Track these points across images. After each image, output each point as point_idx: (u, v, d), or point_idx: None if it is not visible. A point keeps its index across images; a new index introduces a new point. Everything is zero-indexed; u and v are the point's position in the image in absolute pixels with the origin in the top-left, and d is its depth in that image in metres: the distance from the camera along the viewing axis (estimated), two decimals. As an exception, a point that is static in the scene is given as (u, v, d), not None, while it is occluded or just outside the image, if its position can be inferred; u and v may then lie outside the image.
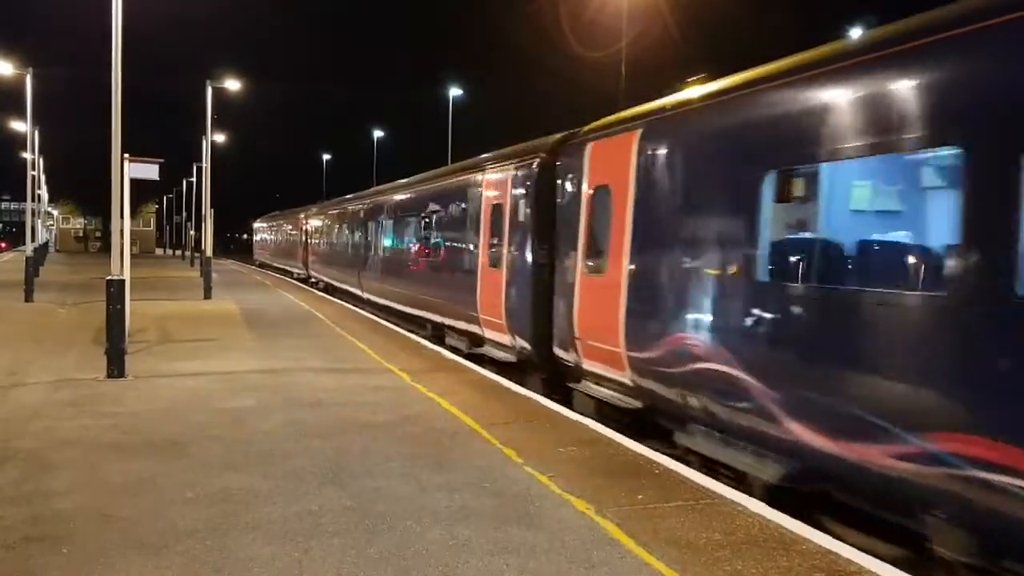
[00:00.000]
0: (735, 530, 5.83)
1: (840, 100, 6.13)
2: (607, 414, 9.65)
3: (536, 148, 12.41)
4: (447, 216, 16.35)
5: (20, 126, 40.10)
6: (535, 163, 12.02)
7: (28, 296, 23.30)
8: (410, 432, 8.55)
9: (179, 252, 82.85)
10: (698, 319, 7.72)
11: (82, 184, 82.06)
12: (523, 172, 12.41)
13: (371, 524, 5.82)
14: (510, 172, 12.91)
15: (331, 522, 5.85)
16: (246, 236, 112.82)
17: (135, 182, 13.44)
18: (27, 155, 32.34)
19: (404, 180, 22.47)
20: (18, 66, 26.81)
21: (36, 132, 31.32)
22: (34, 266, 25.22)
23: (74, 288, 29.23)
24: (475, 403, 10.09)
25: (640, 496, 6.56)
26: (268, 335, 16.54)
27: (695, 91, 8.52)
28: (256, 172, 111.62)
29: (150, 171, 13.36)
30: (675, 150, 8.47)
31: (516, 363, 12.59)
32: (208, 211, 29.58)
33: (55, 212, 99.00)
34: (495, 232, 13.30)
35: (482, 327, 13.73)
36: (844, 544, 5.63)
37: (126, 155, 12.72)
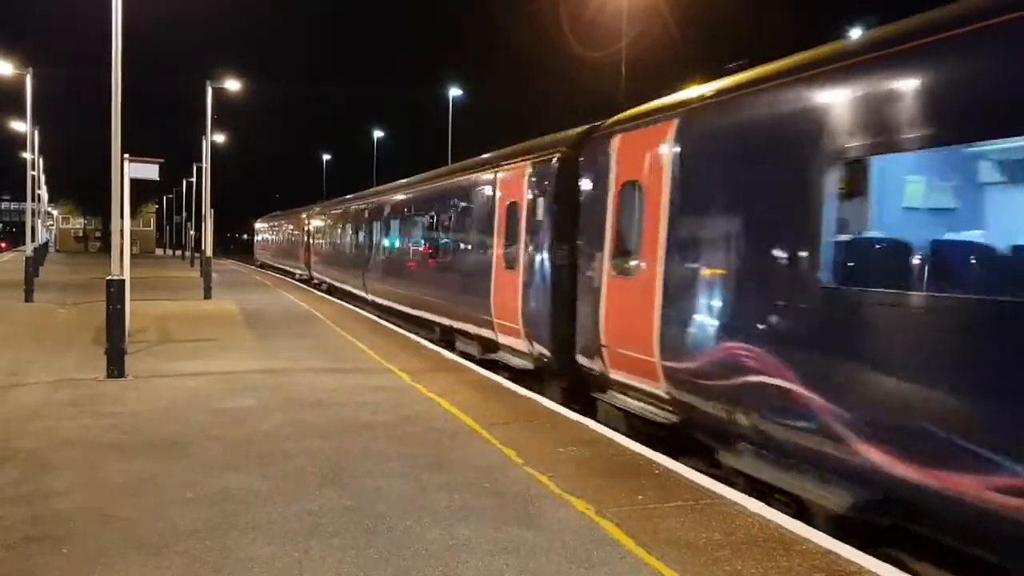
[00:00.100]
0: (735, 530, 5.83)
1: (942, 78, 5.38)
2: (638, 428, 9.07)
3: (555, 143, 11.71)
4: (458, 215, 15.60)
5: (20, 126, 40.13)
6: (555, 159, 11.32)
7: (28, 296, 23.30)
8: (410, 432, 8.55)
9: (179, 252, 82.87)
10: (749, 327, 6.93)
11: (82, 184, 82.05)
12: (541, 168, 11.69)
13: (371, 524, 5.82)
14: (527, 168, 12.16)
15: (331, 522, 5.85)
16: (246, 236, 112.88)
17: (135, 182, 13.44)
18: (27, 155, 32.33)
19: (411, 178, 21.83)
20: (18, 66, 26.81)
21: (36, 132, 31.32)
22: (34, 266, 25.21)
23: (74, 288, 29.23)
24: (475, 403, 10.09)
25: (640, 496, 6.56)
26: (268, 335, 16.54)
27: (743, 76, 7.71)
28: (256, 172, 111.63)
29: (150, 171, 13.36)
30: (721, 141, 7.63)
31: (534, 370, 11.91)
32: (208, 211, 29.57)
33: (55, 212, 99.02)
34: (510, 232, 12.57)
35: (496, 332, 13.06)
36: (844, 544, 5.62)
37: (126, 155, 12.72)
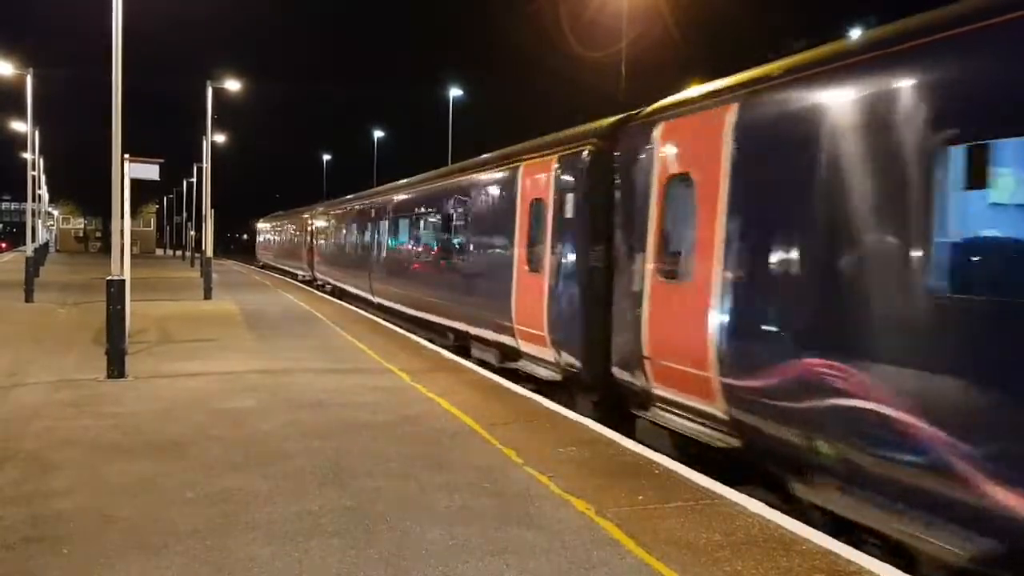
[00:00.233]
0: (735, 530, 5.83)
1: None
2: (688, 450, 8.25)
3: (585, 134, 10.74)
4: (474, 214, 14.67)
5: (20, 126, 40.20)
6: (585, 151, 10.35)
7: (28, 296, 23.30)
8: (410, 432, 8.55)
9: (179, 252, 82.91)
10: (839, 341, 5.97)
11: (82, 184, 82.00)
12: (570, 162, 10.72)
13: (371, 524, 5.83)
14: (553, 163, 11.19)
15: (331, 522, 5.85)
16: (246, 236, 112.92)
17: (135, 182, 13.44)
18: (27, 155, 32.32)
19: (421, 175, 20.98)
20: (18, 66, 26.84)
21: (36, 132, 31.32)
22: (34, 266, 25.21)
23: (74, 288, 29.23)
24: (475, 403, 10.09)
25: (640, 496, 6.56)
26: (268, 335, 16.54)
27: (825, 49, 6.84)
28: (256, 172, 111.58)
29: (150, 171, 13.36)
30: (800, 125, 6.55)
31: (561, 382, 10.95)
32: (208, 211, 29.58)
33: (55, 212, 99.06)
34: (534, 231, 11.70)
35: (517, 339, 12.13)
36: (844, 544, 5.63)
37: (126, 155, 12.72)
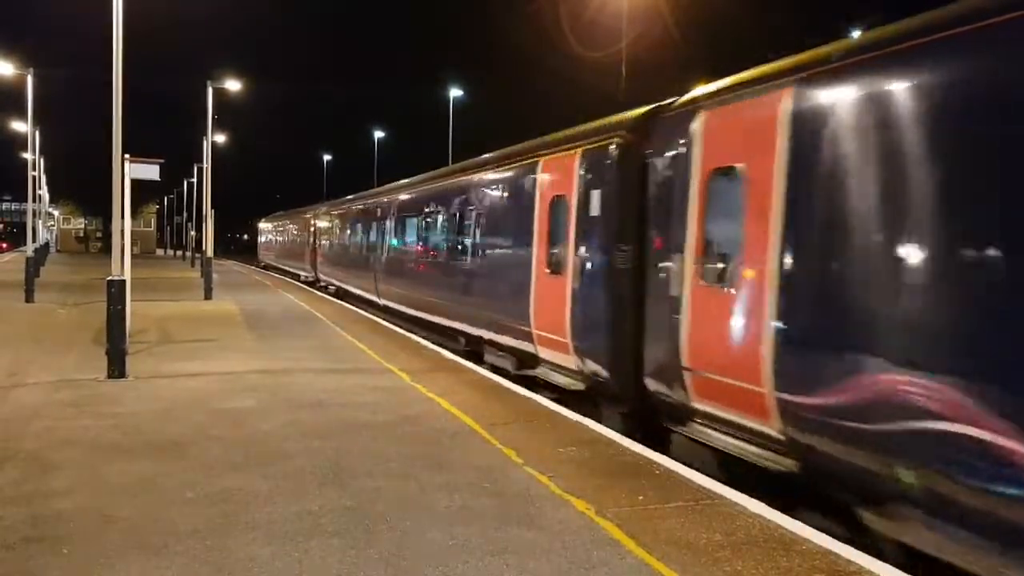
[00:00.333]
0: (735, 530, 5.83)
1: None
2: (733, 469, 7.53)
3: (611, 127, 10.10)
4: (488, 212, 14.04)
5: (20, 126, 40.28)
6: (613, 145, 9.68)
7: (29, 296, 23.30)
8: (410, 432, 8.55)
9: (180, 253, 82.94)
10: (930, 354, 5.27)
11: (83, 184, 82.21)
12: (595, 157, 10.05)
13: (371, 524, 5.82)
14: (577, 158, 10.50)
15: (331, 522, 5.85)
16: (247, 236, 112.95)
17: (135, 182, 13.44)
18: (27, 155, 32.35)
19: (430, 173, 20.34)
20: (18, 66, 26.85)
21: (37, 132, 31.34)
22: (35, 266, 25.21)
23: (75, 288, 29.24)
24: (475, 403, 10.09)
25: (640, 496, 6.56)
26: (268, 335, 16.54)
27: (913, 21, 5.92)
28: (256, 172, 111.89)
29: (151, 171, 13.36)
30: (877, 107, 5.81)
31: (585, 392, 10.34)
32: (209, 211, 29.58)
33: (56, 212, 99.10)
34: (555, 230, 11.05)
35: (536, 344, 11.47)
36: (844, 544, 5.62)
37: (126, 155, 12.72)
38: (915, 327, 5.38)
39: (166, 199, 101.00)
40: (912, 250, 5.47)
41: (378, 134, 70.49)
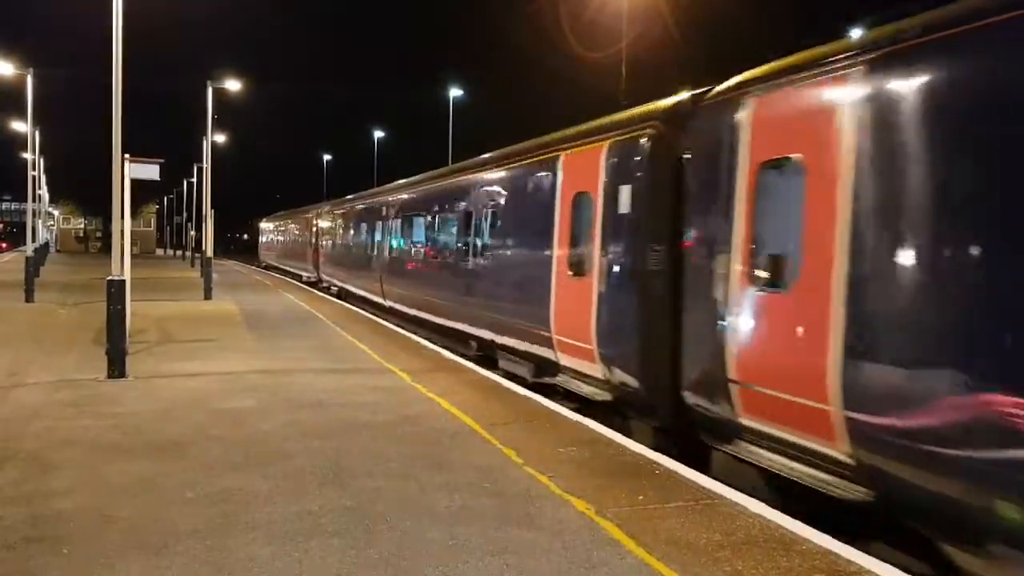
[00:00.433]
0: (735, 530, 5.83)
1: None
2: (786, 491, 6.79)
3: (643, 117, 9.40)
4: (502, 211, 13.38)
5: (20, 126, 40.28)
6: (644, 137, 9.03)
7: (28, 296, 23.31)
8: (410, 432, 8.55)
9: (179, 252, 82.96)
10: None
11: (82, 184, 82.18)
12: (625, 150, 9.38)
13: (371, 524, 5.82)
14: (603, 151, 9.82)
15: (331, 522, 5.85)
16: (246, 236, 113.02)
17: (135, 182, 13.44)
18: (27, 155, 32.37)
19: (440, 170, 19.58)
20: (18, 66, 26.88)
21: (36, 132, 31.34)
22: (34, 266, 25.22)
23: (75, 288, 29.24)
24: (475, 403, 10.09)
25: (640, 496, 6.56)
26: (268, 336, 16.54)
27: None
28: (256, 172, 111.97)
29: (150, 171, 13.35)
30: (964, 90, 5.19)
31: (611, 403, 9.67)
32: (208, 211, 29.59)
33: (56, 212, 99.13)
34: (578, 229, 10.40)
35: (556, 351, 10.84)
36: (844, 544, 5.62)
37: (126, 155, 12.72)
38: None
39: (166, 199, 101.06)
40: (1012, 246, 4.79)
41: (378, 134, 70.63)
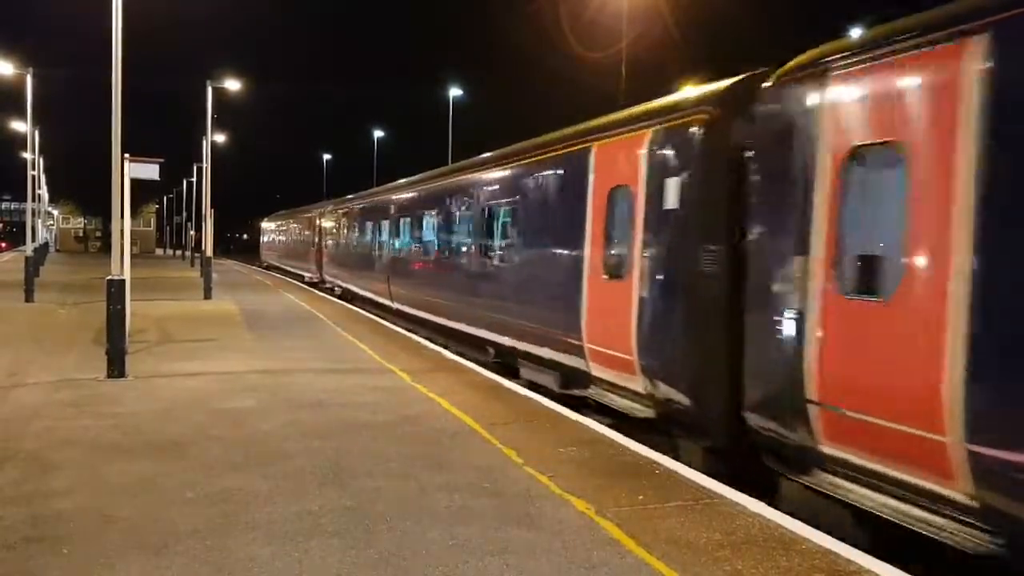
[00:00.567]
0: (735, 530, 5.83)
1: None
2: (883, 534, 5.95)
3: (691, 103, 8.52)
4: (525, 208, 12.44)
5: (20, 126, 40.23)
6: (696, 123, 8.14)
7: (28, 296, 23.31)
8: (410, 432, 8.55)
9: (179, 252, 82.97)
10: None
11: (82, 184, 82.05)
12: (671, 139, 8.50)
13: (371, 524, 5.83)
14: (644, 141, 8.92)
15: (331, 522, 5.86)
16: (246, 236, 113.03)
17: (135, 182, 13.44)
18: (27, 155, 32.37)
19: (453, 165, 18.52)
20: (18, 66, 26.89)
21: (36, 132, 31.34)
22: (34, 266, 25.22)
23: (74, 288, 29.24)
24: (475, 403, 10.09)
25: (640, 496, 6.56)
26: (268, 335, 16.54)
27: None
28: (256, 172, 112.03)
29: (150, 171, 13.36)
30: None
31: (655, 420, 8.82)
32: (208, 211, 29.60)
33: (55, 212, 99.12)
34: (614, 228, 9.57)
35: (588, 361, 10.00)
36: (844, 544, 5.63)
37: (126, 155, 12.72)
38: None
39: (166, 199, 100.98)
40: None
41: (378, 134, 70.66)
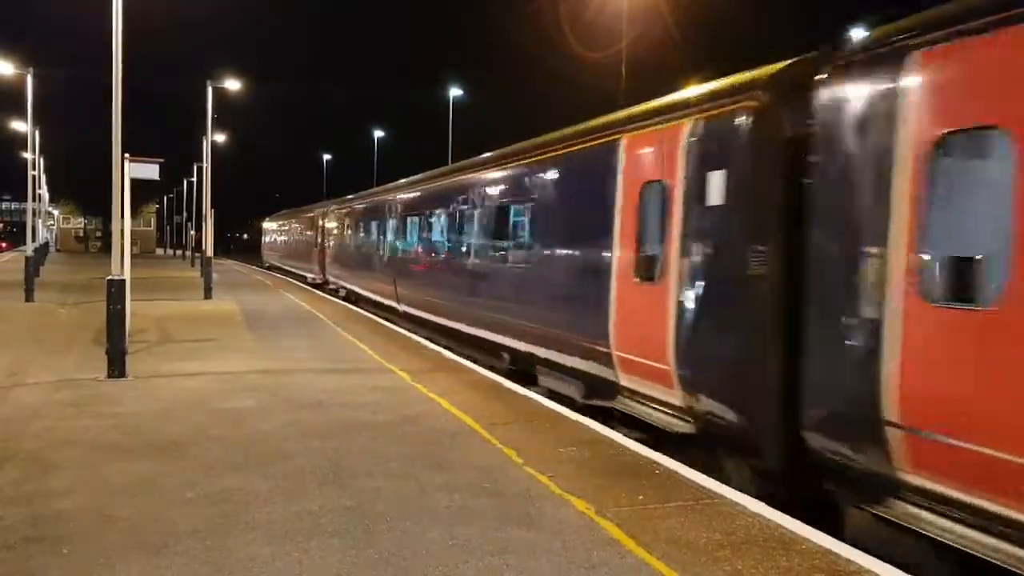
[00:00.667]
0: (735, 530, 5.84)
1: None
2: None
3: (738, 88, 7.70)
4: (544, 206, 11.79)
5: (20, 126, 40.29)
6: (744, 111, 7.39)
7: (28, 296, 23.32)
8: (410, 432, 8.55)
9: (179, 252, 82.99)
10: None
11: (82, 184, 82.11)
12: (714, 128, 7.80)
13: (371, 524, 5.83)
14: (683, 131, 8.20)
15: (331, 522, 5.86)
16: (246, 236, 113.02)
17: (135, 182, 13.44)
18: (27, 155, 32.39)
19: (469, 160, 17.61)
20: (18, 66, 26.92)
21: (36, 132, 31.35)
22: (34, 266, 25.23)
23: (75, 288, 29.24)
24: (475, 403, 10.09)
25: (640, 496, 6.56)
26: (268, 335, 16.54)
27: None
28: (256, 172, 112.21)
29: (150, 171, 13.36)
30: None
31: (695, 436, 8.08)
32: (208, 211, 29.61)
33: (56, 212, 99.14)
34: (646, 226, 8.92)
35: (617, 370, 9.34)
36: (844, 544, 5.63)
37: (126, 155, 12.73)
38: None
39: (166, 199, 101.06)
40: None
41: (378, 134, 70.71)
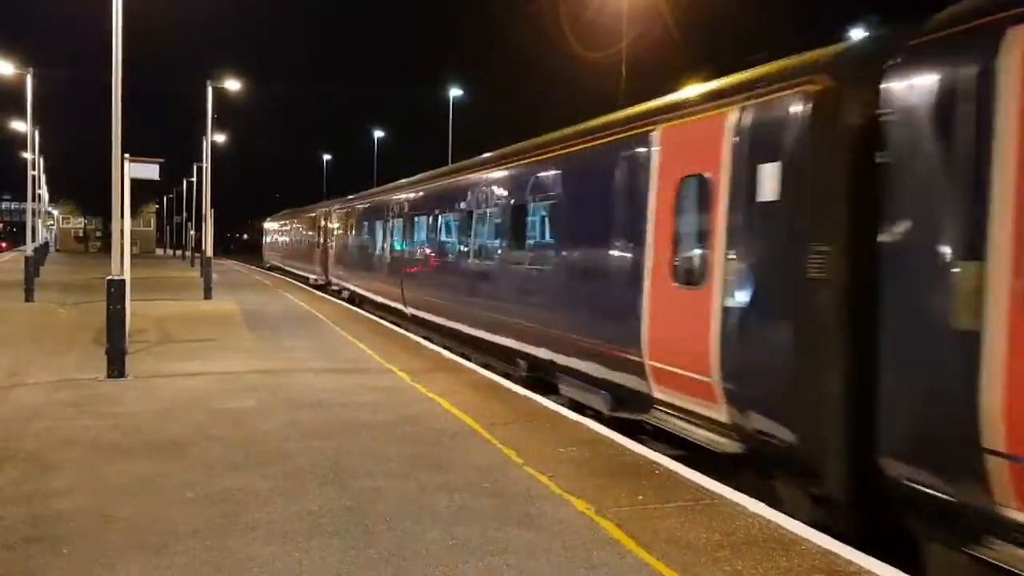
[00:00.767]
0: (735, 530, 5.84)
1: None
2: None
3: (793, 71, 6.98)
4: (568, 202, 10.97)
5: (20, 126, 40.30)
6: (801, 96, 6.64)
7: (28, 296, 23.32)
8: (410, 432, 8.55)
9: (179, 252, 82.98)
10: None
11: (82, 184, 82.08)
12: (765, 116, 7.05)
13: (371, 524, 5.83)
14: (727, 119, 7.45)
15: (331, 522, 5.86)
16: (246, 236, 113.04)
17: (135, 182, 13.44)
18: (27, 155, 32.40)
19: (481, 157, 16.52)
20: (18, 66, 26.93)
21: (36, 132, 31.36)
22: (34, 266, 25.23)
23: (74, 288, 29.24)
24: (475, 403, 10.09)
25: (640, 496, 6.56)
26: (268, 335, 16.54)
27: None
28: (256, 172, 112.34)
29: (150, 171, 13.35)
30: None
31: (744, 456, 7.36)
32: (208, 211, 29.61)
33: (55, 212, 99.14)
34: (686, 224, 8.24)
35: (650, 381, 8.57)
36: (844, 544, 5.63)
37: (126, 155, 12.72)
38: None
39: (166, 199, 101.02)
40: None
41: (378, 134, 70.74)
